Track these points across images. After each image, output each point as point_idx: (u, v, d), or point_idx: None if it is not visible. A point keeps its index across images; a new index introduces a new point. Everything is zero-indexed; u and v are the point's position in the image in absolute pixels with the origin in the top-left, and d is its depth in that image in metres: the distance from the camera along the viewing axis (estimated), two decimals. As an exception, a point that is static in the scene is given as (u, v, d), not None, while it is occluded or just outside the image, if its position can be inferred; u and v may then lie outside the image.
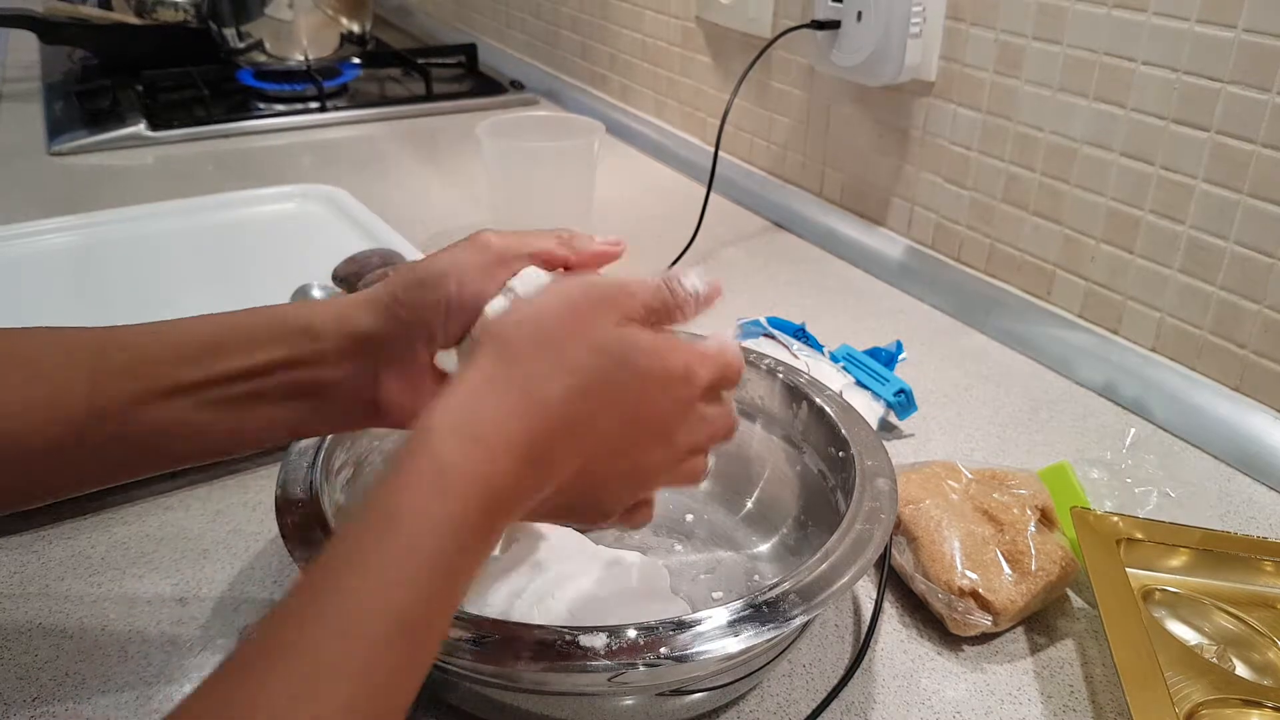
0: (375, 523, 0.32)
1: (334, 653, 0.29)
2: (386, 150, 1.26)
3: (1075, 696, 0.50)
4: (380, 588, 0.31)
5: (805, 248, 1.01)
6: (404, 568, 0.31)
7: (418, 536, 0.32)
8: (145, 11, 1.47)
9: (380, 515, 0.32)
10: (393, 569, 0.31)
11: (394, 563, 0.31)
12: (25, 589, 0.54)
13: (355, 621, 0.30)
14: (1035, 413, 0.73)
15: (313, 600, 0.30)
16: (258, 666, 0.29)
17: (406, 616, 0.31)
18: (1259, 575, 0.55)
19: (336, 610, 0.30)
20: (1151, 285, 0.72)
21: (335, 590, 0.30)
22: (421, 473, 0.33)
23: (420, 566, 0.31)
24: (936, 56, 0.85)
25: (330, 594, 0.30)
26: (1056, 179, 0.77)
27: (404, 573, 0.31)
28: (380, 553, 0.31)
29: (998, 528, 0.54)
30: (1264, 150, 0.64)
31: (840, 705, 0.48)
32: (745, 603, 0.41)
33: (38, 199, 1.07)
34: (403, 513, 0.32)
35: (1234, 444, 0.67)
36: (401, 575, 0.31)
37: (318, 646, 0.29)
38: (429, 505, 0.32)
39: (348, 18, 1.43)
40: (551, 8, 1.45)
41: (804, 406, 0.57)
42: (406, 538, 0.32)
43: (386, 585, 0.31)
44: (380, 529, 0.32)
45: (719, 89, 1.13)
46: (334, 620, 0.30)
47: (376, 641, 0.30)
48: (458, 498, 0.33)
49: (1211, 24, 0.65)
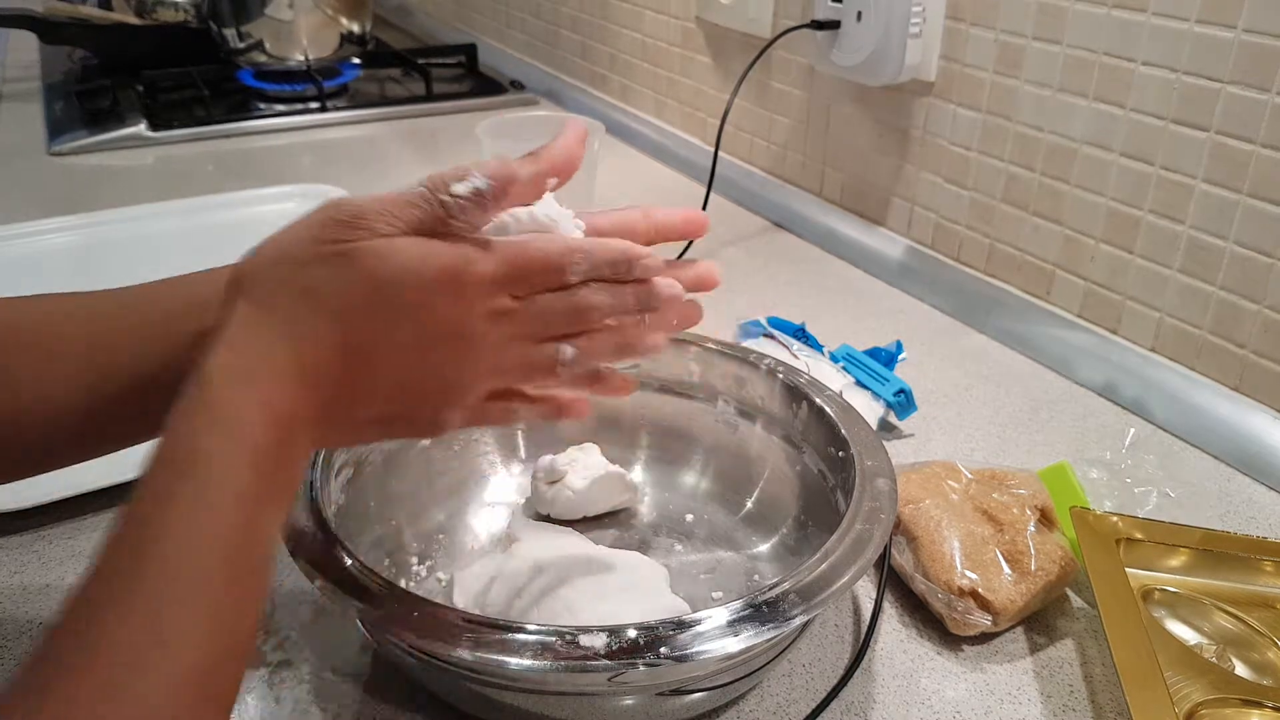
0: (174, 469, 0.33)
1: (172, 590, 0.30)
2: (387, 150, 1.26)
3: (1075, 696, 0.50)
4: (196, 522, 0.32)
5: (805, 248, 1.01)
6: (212, 502, 0.32)
7: (218, 476, 0.33)
8: (145, 11, 1.47)
9: (176, 462, 0.33)
10: (202, 506, 0.32)
11: (201, 500, 0.32)
12: (25, 588, 0.54)
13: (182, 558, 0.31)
14: (1035, 413, 0.73)
15: (132, 542, 0.32)
16: (96, 617, 0.30)
17: (230, 547, 0.32)
18: (1259, 575, 0.55)
19: (161, 551, 0.31)
20: (1151, 285, 0.72)
21: (154, 535, 0.31)
22: (203, 417, 0.34)
23: (226, 498, 0.33)
24: (936, 56, 0.85)
25: (150, 539, 0.31)
26: (1056, 179, 0.77)
27: (214, 507, 0.32)
28: (186, 494, 0.32)
29: (997, 528, 0.54)
30: (1263, 150, 0.64)
31: (840, 705, 0.48)
32: (745, 602, 0.41)
33: (38, 199, 1.07)
34: (196, 456, 0.33)
35: (1234, 444, 0.67)
36: (212, 510, 0.32)
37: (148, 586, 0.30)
38: (218, 444, 0.33)
39: (348, 18, 1.43)
40: (551, 8, 1.45)
41: (804, 406, 0.57)
42: (208, 479, 0.33)
43: (201, 520, 0.32)
44: (179, 474, 0.33)
45: (719, 89, 1.13)
46: (162, 561, 0.31)
47: (208, 572, 0.31)
48: (243, 433, 0.34)
49: (1211, 24, 0.65)
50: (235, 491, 0.33)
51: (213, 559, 0.32)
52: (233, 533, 0.33)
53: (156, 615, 0.30)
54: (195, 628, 0.30)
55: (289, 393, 0.36)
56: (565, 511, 0.58)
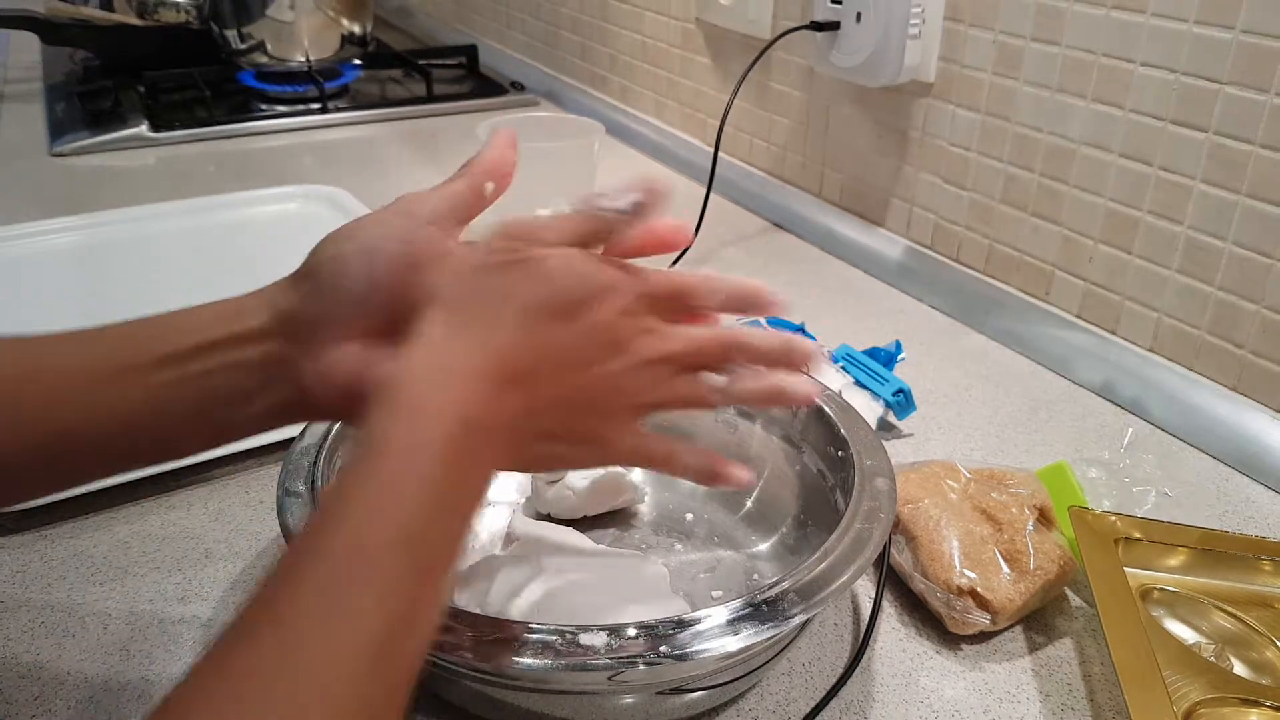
0: (365, 460, 0.34)
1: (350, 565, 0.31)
2: (387, 151, 1.26)
3: (1073, 695, 0.50)
4: (383, 505, 0.33)
5: (805, 248, 1.01)
6: (399, 489, 0.33)
7: (405, 464, 0.34)
8: (147, 12, 1.48)
9: (368, 454, 0.34)
10: (390, 492, 0.33)
11: (390, 486, 0.33)
12: (27, 588, 0.54)
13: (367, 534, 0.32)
14: (1034, 412, 0.73)
15: (323, 523, 0.33)
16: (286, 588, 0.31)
17: (412, 532, 0.33)
18: (1257, 574, 0.55)
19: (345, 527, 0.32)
20: (1150, 285, 0.73)
21: (338, 511, 0.33)
22: (395, 412, 0.35)
23: (412, 488, 0.33)
24: (935, 57, 0.85)
25: (334, 515, 0.33)
26: (1055, 180, 0.78)
27: (399, 494, 0.33)
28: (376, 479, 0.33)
29: (996, 527, 0.54)
30: (1262, 151, 0.64)
31: (839, 704, 0.48)
32: (745, 601, 0.41)
33: (39, 199, 1.07)
34: (388, 448, 0.34)
35: (1232, 444, 0.68)
36: (397, 496, 0.33)
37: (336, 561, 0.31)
38: (409, 437, 0.34)
39: (349, 19, 1.43)
40: (551, 9, 1.45)
41: (803, 406, 0.57)
42: (395, 466, 0.34)
43: (388, 504, 0.33)
44: (371, 463, 0.34)
45: (719, 90, 1.13)
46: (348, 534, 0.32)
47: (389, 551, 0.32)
48: (434, 427, 0.35)
49: (1210, 25, 0.65)
50: (418, 480, 0.34)
51: (393, 536, 0.32)
52: (414, 519, 0.33)
53: (335, 587, 0.31)
54: (371, 602, 0.31)
55: (483, 396, 0.37)
56: (565, 511, 0.58)
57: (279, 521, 0.46)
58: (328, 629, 0.30)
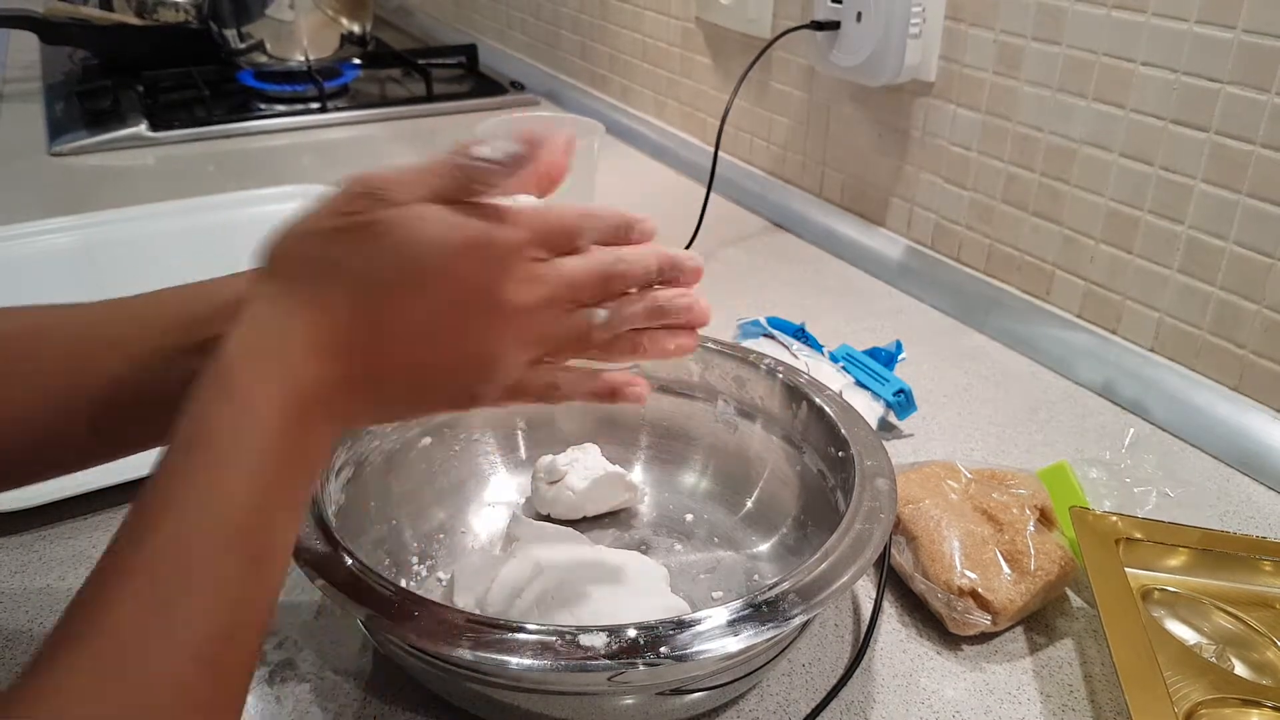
0: (189, 449, 0.33)
1: (179, 567, 0.30)
2: (387, 151, 1.26)
3: (1074, 696, 0.50)
4: (204, 500, 0.32)
5: (805, 248, 1.01)
6: (222, 479, 0.32)
7: (231, 453, 0.33)
8: (146, 12, 1.47)
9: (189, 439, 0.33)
10: (212, 483, 0.32)
11: (211, 477, 0.32)
12: (26, 589, 0.54)
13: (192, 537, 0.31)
14: (1034, 413, 0.73)
15: (146, 522, 0.31)
16: (107, 594, 0.30)
17: (242, 525, 0.32)
18: (1258, 575, 0.55)
19: (170, 527, 0.31)
20: (1151, 285, 0.72)
21: (162, 510, 0.31)
22: (216, 393, 0.34)
23: (237, 476, 0.32)
24: (936, 57, 0.85)
25: (159, 514, 0.31)
26: (1056, 179, 0.77)
27: (223, 484, 0.32)
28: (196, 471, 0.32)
29: (997, 527, 0.54)
30: (1263, 151, 0.64)
31: (840, 704, 0.48)
32: (745, 602, 0.41)
33: (38, 199, 1.07)
34: (212, 435, 0.33)
35: (1233, 444, 0.67)
36: (221, 487, 0.32)
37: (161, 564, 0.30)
38: (229, 422, 0.33)
39: (348, 18, 1.43)
40: (551, 8, 1.45)
41: (804, 406, 0.57)
42: (220, 455, 0.33)
43: (210, 498, 0.32)
44: (190, 450, 0.33)
45: (719, 89, 1.13)
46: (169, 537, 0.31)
47: (216, 549, 0.31)
48: (256, 411, 0.33)
49: (1211, 25, 0.65)
50: (247, 469, 0.33)
51: (221, 536, 0.32)
52: (243, 512, 0.32)
53: (162, 590, 0.30)
54: (202, 603, 0.30)
55: (308, 370, 0.35)
56: (565, 511, 0.58)
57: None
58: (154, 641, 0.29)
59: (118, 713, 0.28)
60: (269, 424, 0.33)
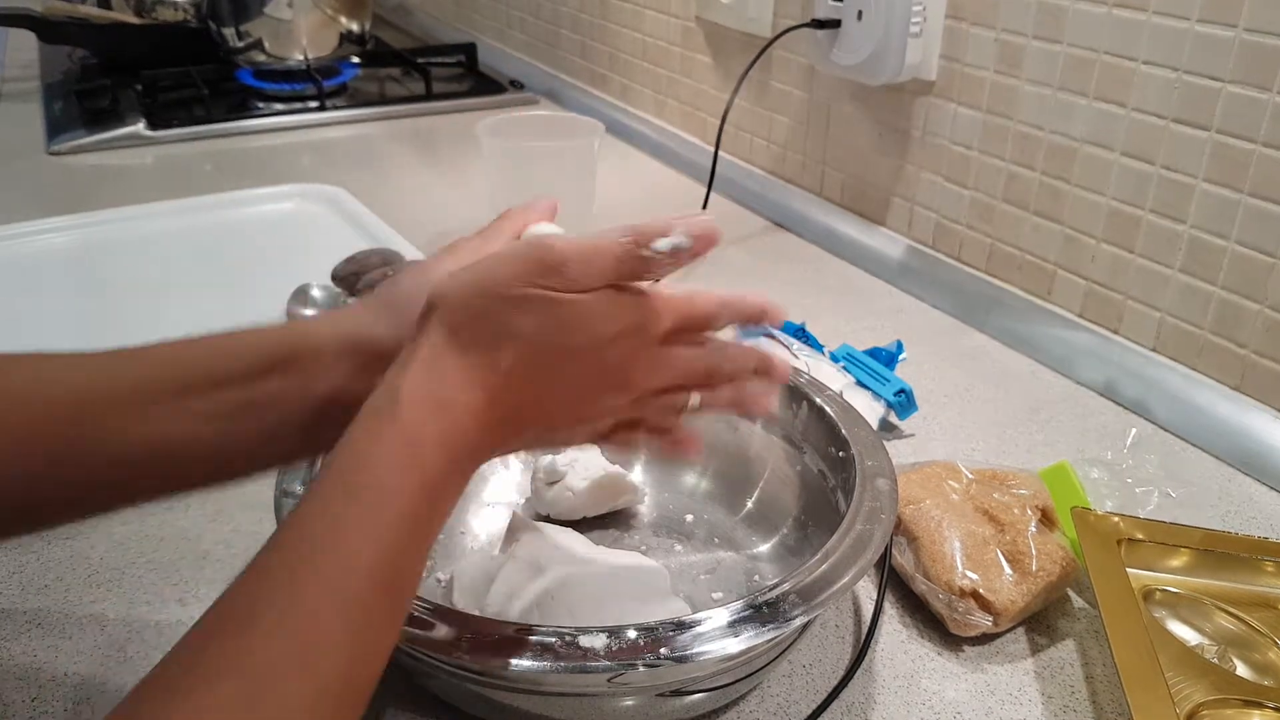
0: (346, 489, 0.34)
1: (325, 609, 0.31)
2: (386, 150, 1.26)
3: (1076, 697, 0.49)
4: (359, 548, 0.32)
5: (805, 247, 1.00)
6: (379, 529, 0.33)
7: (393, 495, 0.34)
8: (144, 11, 1.47)
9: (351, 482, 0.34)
10: (368, 532, 0.33)
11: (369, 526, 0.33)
12: (25, 589, 0.54)
13: (337, 580, 0.32)
14: (1036, 413, 0.73)
15: (293, 560, 0.32)
16: (246, 626, 0.30)
17: (384, 571, 0.33)
18: (1260, 575, 0.55)
19: (320, 571, 0.32)
20: (1152, 285, 0.72)
21: (314, 552, 0.32)
22: (392, 441, 0.35)
23: (392, 525, 0.33)
24: (937, 56, 0.84)
25: (310, 555, 0.32)
26: (1057, 178, 0.77)
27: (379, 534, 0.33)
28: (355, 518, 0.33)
29: (998, 528, 0.54)
30: (1264, 150, 0.64)
31: (840, 706, 0.48)
32: (745, 603, 0.41)
33: (37, 198, 1.07)
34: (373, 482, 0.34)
35: (1235, 444, 0.67)
36: (378, 537, 0.33)
37: (304, 603, 0.31)
38: (401, 476, 0.34)
39: (347, 17, 1.43)
40: (551, 7, 1.45)
41: (804, 406, 0.57)
42: (382, 497, 0.33)
43: (365, 546, 0.32)
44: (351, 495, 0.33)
45: (719, 89, 1.13)
46: (316, 579, 0.31)
47: (363, 593, 0.32)
48: (428, 464, 0.35)
49: (1212, 23, 0.65)
50: (401, 516, 0.34)
51: (370, 581, 0.32)
52: (392, 556, 0.33)
53: (309, 635, 0.30)
54: (341, 644, 0.31)
55: (472, 428, 0.37)
56: (565, 512, 0.58)
57: (277, 522, 0.45)
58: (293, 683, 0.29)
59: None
60: (428, 480, 0.35)
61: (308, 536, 0.33)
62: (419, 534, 0.35)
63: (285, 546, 0.33)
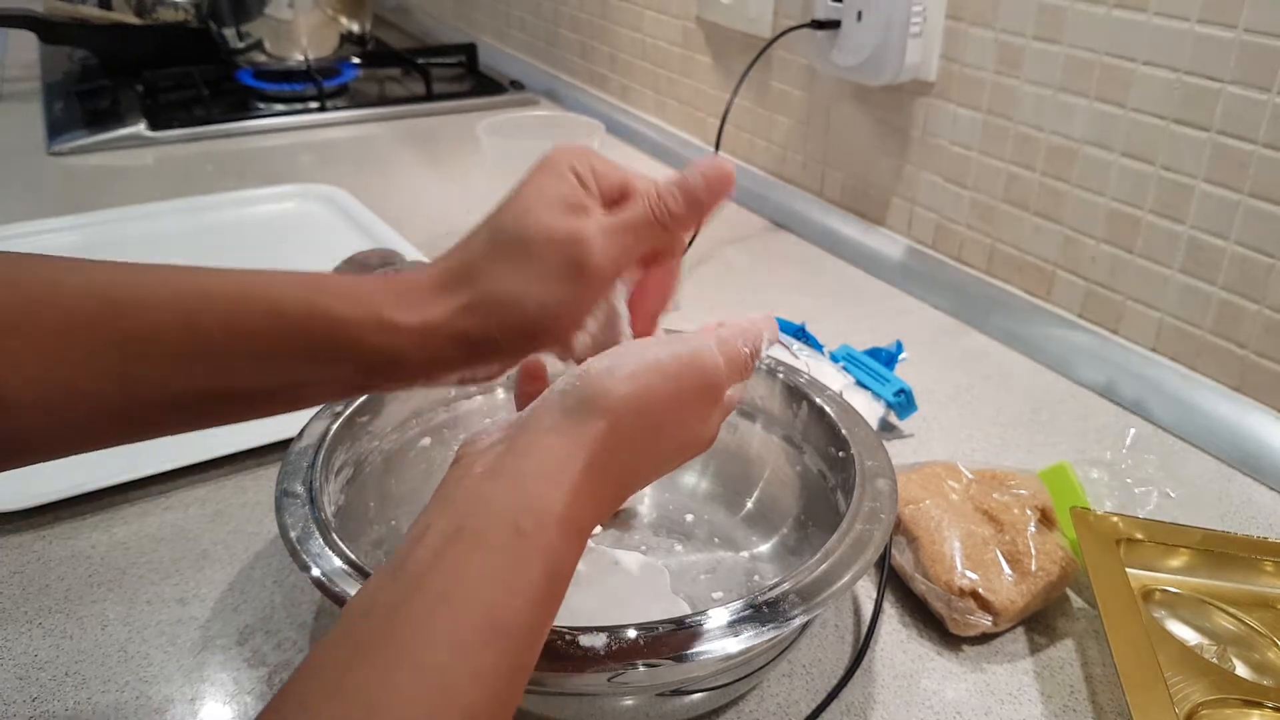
0: (491, 627, 0.32)
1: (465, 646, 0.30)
2: (386, 150, 1.26)
3: (1075, 697, 0.49)
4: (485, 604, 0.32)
5: (805, 248, 1.01)
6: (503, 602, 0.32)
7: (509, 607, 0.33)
8: (145, 11, 1.47)
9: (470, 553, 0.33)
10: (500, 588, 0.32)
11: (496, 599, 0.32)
12: (25, 589, 0.54)
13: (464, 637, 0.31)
14: (1035, 413, 0.73)
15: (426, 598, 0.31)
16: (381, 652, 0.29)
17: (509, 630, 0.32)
18: (1259, 575, 0.55)
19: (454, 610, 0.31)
20: (1152, 285, 0.72)
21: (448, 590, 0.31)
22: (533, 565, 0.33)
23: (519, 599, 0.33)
24: (936, 56, 0.84)
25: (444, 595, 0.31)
26: (1057, 179, 0.77)
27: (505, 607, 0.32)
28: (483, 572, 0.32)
29: (998, 528, 0.54)
30: (1264, 150, 0.64)
31: (840, 705, 0.48)
32: (745, 603, 0.41)
33: (37, 199, 1.07)
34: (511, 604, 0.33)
35: (1234, 444, 0.67)
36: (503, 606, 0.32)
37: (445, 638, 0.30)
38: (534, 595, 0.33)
39: (347, 17, 1.43)
40: (551, 8, 1.45)
41: (804, 406, 0.57)
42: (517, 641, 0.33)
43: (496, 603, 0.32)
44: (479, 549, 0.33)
45: (719, 89, 1.13)
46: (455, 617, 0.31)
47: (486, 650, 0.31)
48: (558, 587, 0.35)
49: (1212, 24, 0.65)
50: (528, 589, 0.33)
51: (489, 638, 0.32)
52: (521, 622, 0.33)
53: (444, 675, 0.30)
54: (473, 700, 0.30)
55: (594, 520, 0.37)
56: (565, 512, 0.58)
57: (277, 522, 0.46)
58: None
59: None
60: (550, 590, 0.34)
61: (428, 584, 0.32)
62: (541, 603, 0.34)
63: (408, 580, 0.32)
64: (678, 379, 0.38)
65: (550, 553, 0.34)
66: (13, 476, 0.46)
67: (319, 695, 0.29)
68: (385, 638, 0.30)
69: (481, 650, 0.31)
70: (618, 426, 0.37)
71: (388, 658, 0.29)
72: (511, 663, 0.32)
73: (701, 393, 0.39)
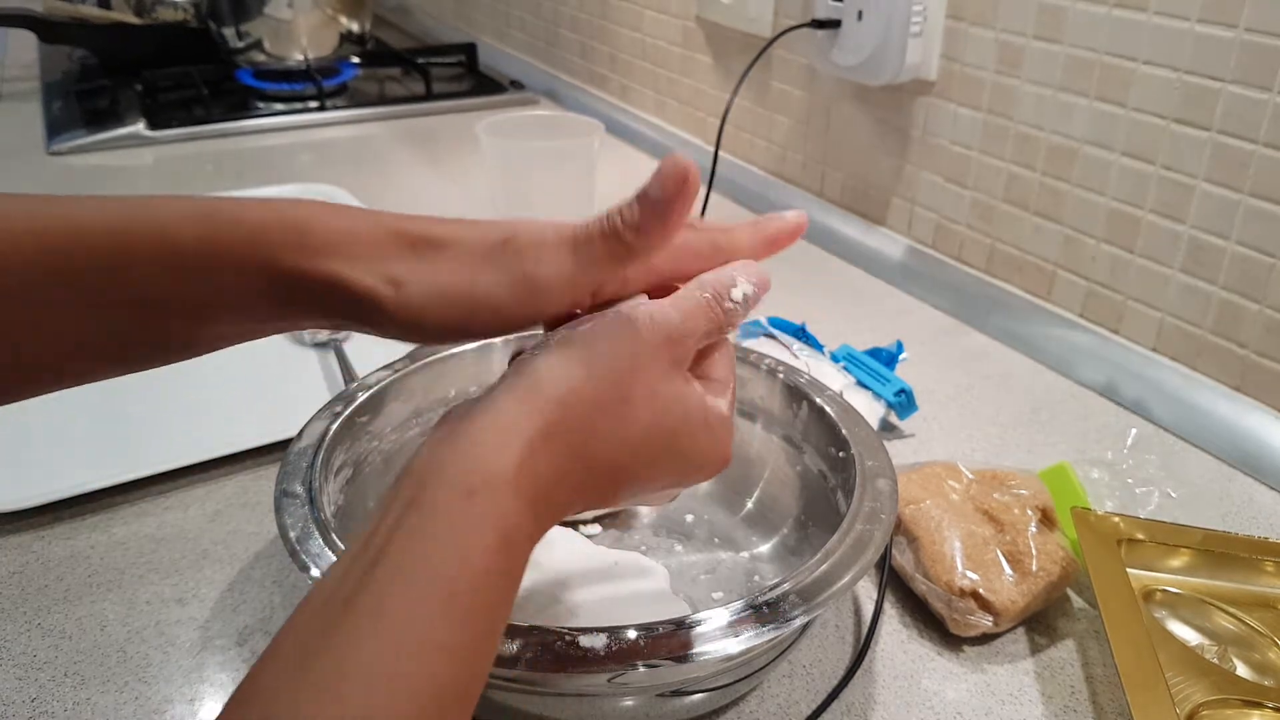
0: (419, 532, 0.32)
1: (421, 617, 0.30)
2: (386, 150, 1.26)
3: (1076, 697, 0.49)
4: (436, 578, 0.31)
5: (806, 247, 1.00)
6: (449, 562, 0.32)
7: (466, 581, 0.32)
8: (144, 11, 1.47)
9: (430, 567, 0.32)
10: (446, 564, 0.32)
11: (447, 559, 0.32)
12: (24, 589, 0.54)
13: (428, 590, 0.31)
14: (1036, 413, 0.73)
15: (385, 568, 0.31)
16: (344, 624, 0.29)
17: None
18: (1260, 575, 0.55)
19: (408, 580, 0.30)
20: (1152, 285, 0.72)
21: (402, 560, 0.31)
22: (485, 529, 0.33)
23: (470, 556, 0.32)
24: (937, 56, 0.84)
25: (399, 566, 0.31)
26: (1057, 179, 0.77)
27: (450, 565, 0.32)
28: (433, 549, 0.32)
29: (998, 528, 0.54)
30: (1265, 150, 0.64)
31: (840, 706, 0.48)
32: (745, 603, 0.41)
33: (37, 198, 1.06)
34: (463, 573, 0.32)
35: (1235, 444, 0.67)
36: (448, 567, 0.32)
37: (402, 609, 0.30)
38: (487, 562, 0.32)
39: (347, 17, 1.43)
40: (551, 7, 1.45)
41: (804, 406, 0.57)
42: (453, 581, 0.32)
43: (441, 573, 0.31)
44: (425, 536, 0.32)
45: (719, 88, 1.13)
46: (408, 587, 0.30)
47: (442, 620, 0.31)
48: (515, 555, 0.34)
49: (1212, 23, 0.65)
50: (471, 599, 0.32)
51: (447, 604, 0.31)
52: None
53: (407, 642, 0.29)
54: (440, 665, 0.30)
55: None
56: (565, 512, 0.58)
57: (277, 522, 0.45)
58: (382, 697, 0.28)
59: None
60: (512, 564, 0.34)
61: (389, 555, 0.31)
62: (498, 575, 0.33)
63: (373, 551, 0.32)
64: (630, 329, 0.38)
65: (502, 518, 0.33)
66: (13, 477, 0.46)
67: (283, 679, 0.29)
68: (345, 616, 0.30)
69: (439, 623, 0.30)
70: (575, 388, 0.36)
71: (348, 637, 0.29)
72: (474, 631, 0.31)
73: (659, 348, 0.38)
